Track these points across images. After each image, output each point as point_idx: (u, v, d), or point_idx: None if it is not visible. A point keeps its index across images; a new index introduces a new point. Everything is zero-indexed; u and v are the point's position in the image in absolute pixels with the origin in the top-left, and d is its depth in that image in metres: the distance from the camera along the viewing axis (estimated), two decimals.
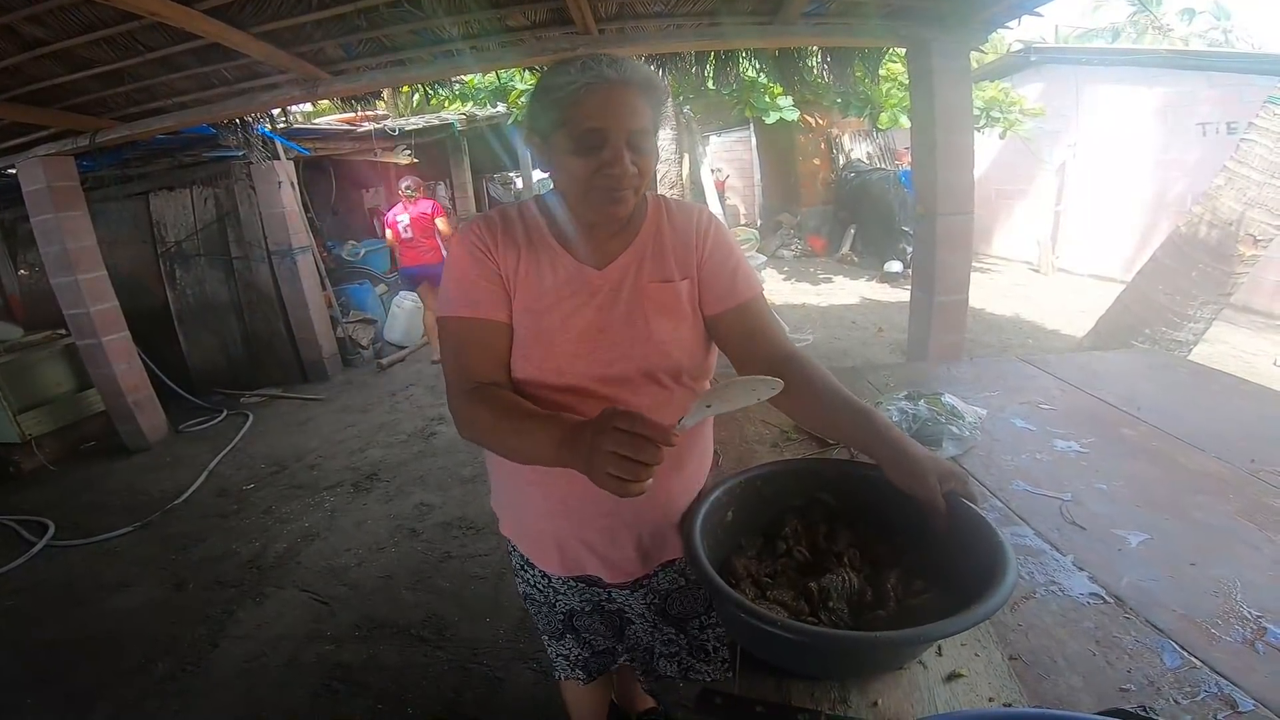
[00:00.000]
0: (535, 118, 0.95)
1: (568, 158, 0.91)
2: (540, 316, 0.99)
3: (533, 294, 0.99)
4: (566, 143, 0.90)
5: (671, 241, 1.04)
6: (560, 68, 0.91)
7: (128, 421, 4.29)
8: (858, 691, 0.75)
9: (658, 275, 1.02)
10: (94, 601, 2.70)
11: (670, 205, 1.07)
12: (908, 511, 0.86)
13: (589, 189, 0.92)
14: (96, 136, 3.60)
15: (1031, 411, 1.58)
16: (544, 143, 0.95)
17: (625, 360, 0.99)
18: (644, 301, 1.00)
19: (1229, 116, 6.07)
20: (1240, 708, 0.70)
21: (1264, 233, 3.56)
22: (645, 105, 0.91)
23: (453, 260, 1.03)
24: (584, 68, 0.88)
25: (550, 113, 0.91)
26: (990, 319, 6.05)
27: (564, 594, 1.22)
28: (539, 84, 0.95)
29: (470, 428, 0.96)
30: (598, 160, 0.90)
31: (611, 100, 0.88)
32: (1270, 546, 0.99)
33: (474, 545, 2.86)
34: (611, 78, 0.88)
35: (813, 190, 10.07)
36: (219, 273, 5.49)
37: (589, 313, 0.99)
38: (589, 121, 0.88)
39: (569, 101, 0.88)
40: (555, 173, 0.97)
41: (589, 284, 1.00)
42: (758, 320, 1.05)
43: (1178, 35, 15.64)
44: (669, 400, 1.02)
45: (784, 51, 3.51)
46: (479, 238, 1.01)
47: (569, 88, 0.88)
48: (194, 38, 2.59)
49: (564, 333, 0.98)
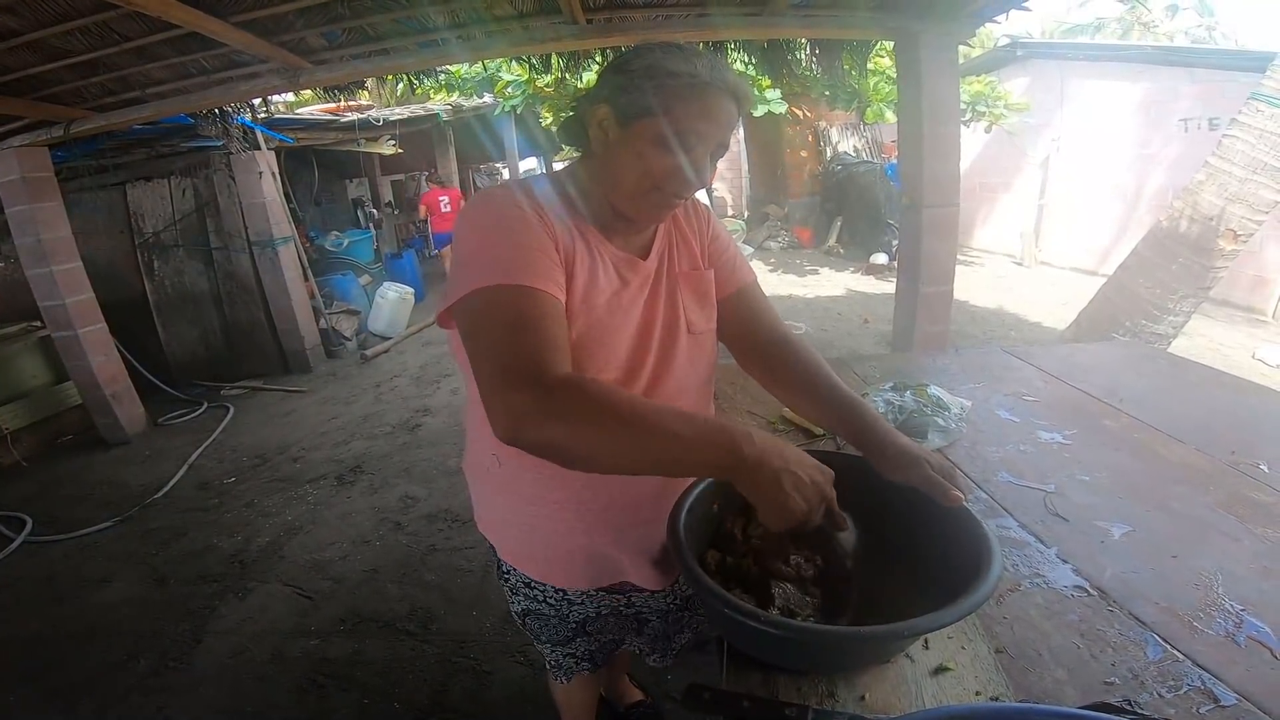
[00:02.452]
0: (621, 94, 0.84)
1: (650, 148, 0.83)
2: (597, 310, 0.90)
3: (589, 283, 0.89)
4: (653, 133, 0.83)
5: (687, 229, 1.04)
6: (675, 54, 0.83)
7: (105, 414, 4.22)
8: (845, 685, 0.75)
9: (688, 263, 1.02)
10: (74, 597, 2.66)
11: None
12: (894, 503, 0.87)
13: (655, 188, 0.86)
14: (71, 127, 3.52)
15: (1015, 402, 1.59)
16: (620, 122, 0.85)
17: (670, 353, 0.98)
18: (683, 289, 1.00)
19: (1211, 112, 6.15)
20: (1222, 701, 0.71)
21: (1244, 227, 3.61)
22: (737, 118, 0.88)
23: (499, 223, 0.83)
24: (710, 66, 0.82)
25: (649, 97, 0.82)
26: (974, 311, 6.10)
27: (579, 604, 1.15)
28: (640, 61, 0.83)
29: (563, 423, 0.70)
30: (680, 162, 0.84)
31: (722, 109, 0.84)
32: (1250, 538, 1.00)
33: (460, 538, 2.84)
34: (729, 84, 0.83)
35: (800, 182, 10.09)
36: (198, 263, 5.41)
37: (641, 303, 0.96)
38: (696, 122, 0.82)
39: (680, 95, 0.81)
40: (616, 157, 0.87)
41: (640, 272, 0.96)
42: (755, 304, 1.08)
43: (1162, 31, 15.80)
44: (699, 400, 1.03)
45: (772, 43, 3.49)
46: (529, 204, 0.85)
47: (688, 80, 0.81)
48: (172, 27, 2.52)
49: (624, 327, 0.93)
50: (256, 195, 5.14)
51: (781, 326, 1.07)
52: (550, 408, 0.70)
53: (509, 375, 0.72)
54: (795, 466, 0.70)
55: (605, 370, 0.91)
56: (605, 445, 0.70)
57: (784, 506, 0.69)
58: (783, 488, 0.69)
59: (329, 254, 6.66)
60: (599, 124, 0.87)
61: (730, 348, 1.10)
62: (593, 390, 0.72)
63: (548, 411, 0.69)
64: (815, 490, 0.71)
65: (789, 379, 1.02)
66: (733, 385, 1.74)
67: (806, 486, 0.70)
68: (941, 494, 0.80)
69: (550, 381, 0.71)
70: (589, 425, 0.69)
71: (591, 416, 0.69)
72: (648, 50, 0.85)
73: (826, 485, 0.73)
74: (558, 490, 0.99)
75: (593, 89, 0.90)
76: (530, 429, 0.70)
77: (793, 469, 0.70)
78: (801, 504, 0.70)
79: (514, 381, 0.71)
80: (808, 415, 1.08)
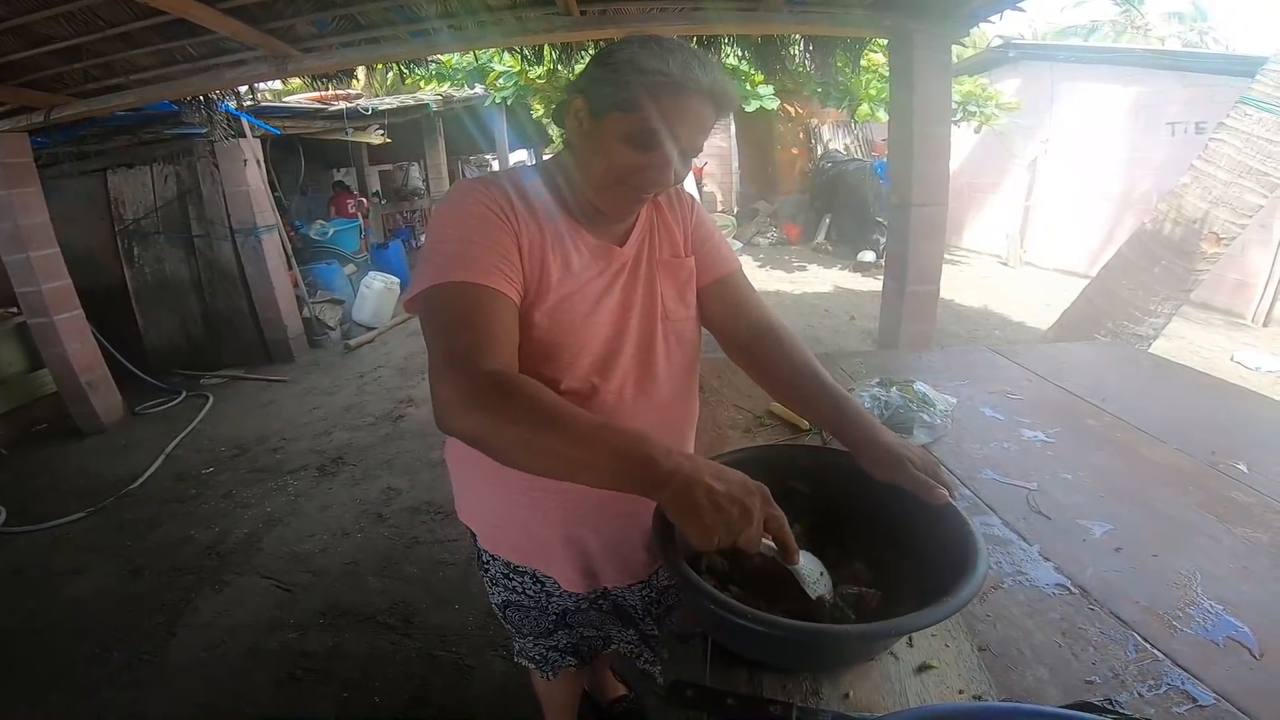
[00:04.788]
0: (596, 86, 0.84)
1: (616, 143, 0.84)
2: (571, 298, 0.90)
3: (562, 272, 0.90)
4: (622, 129, 0.83)
5: (670, 217, 1.04)
6: (653, 49, 0.81)
7: (81, 403, 4.14)
8: (830, 683, 0.75)
9: (669, 251, 1.02)
10: (47, 589, 2.61)
11: None
12: (880, 499, 0.86)
13: (620, 182, 0.86)
14: (52, 113, 3.45)
15: (1000, 401, 1.59)
16: (592, 115, 0.85)
17: (649, 341, 0.98)
18: (662, 277, 1.00)
19: (1199, 117, 6.21)
20: (1200, 701, 0.71)
21: (1227, 231, 3.65)
22: (713, 121, 0.86)
23: (456, 218, 0.86)
24: (683, 65, 0.80)
25: (619, 91, 0.81)
26: (960, 310, 6.15)
27: (557, 596, 1.15)
28: (618, 55, 0.83)
29: (485, 416, 0.71)
30: (645, 159, 0.84)
31: (691, 109, 0.82)
32: (1229, 538, 1.01)
33: (442, 530, 2.82)
34: (703, 85, 0.81)
35: (790, 179, 10.12)
36: (179, 251, 5.33)
37: (617, 291, 0.96)
38: (660, 122, 0.81)
39: (649, 91, 0.80)
40: (587, 149, 0.88)
41: (615, 260, 0.96)
42: (739, 292, 1.08)
43: (1155, 35, 15.94)
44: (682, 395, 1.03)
45: (766, 39, 3.48)
46: (493, 199, 0.87)
47: (656, 78, 0.80)
48: (157, 13, 2.46)
49: (598, 314, 0.93)
50: (240, 183, 5.07)
51: (769, 316, 1.07)
52: (475, 399, 0.72)
53: (442, 367, 0.75)
54: (715, 483, 0.65)
55: (580, 356, 0.91)
56: (521, 442, 0.71)
57: (702, 525, 0.64)
58: (700, 504, 0.64)
59: (314, 243, 6.57)
60: (575, 115, 0.88)
61: (716, 335, 1.10)
62: (517, 387, 0.73)
63: (471, 402, 0.72)
64: (740, 510, 0.65)
65: (774, 369, 1.02)
66: (720, 379, 1.74)
67: (727, 505, 0.65)
68: (927, 493, 0.80)
69: (478, 374, 0.74)
70: (507, 421, 0.70)
71: (510, 412, 0.71)
72: (628, 44, 0.84)
73: (757, 506, 0.67)
74: (536, 480, 0.97)
75: (576, 78, 0.90)
76: (455, 418, 0.72)
77: (712, 485, 0.65)
78: (721, 523, 0.64)
79: (446, 374, 0.75)
80: (793, 407, 1.08)
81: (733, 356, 1.09)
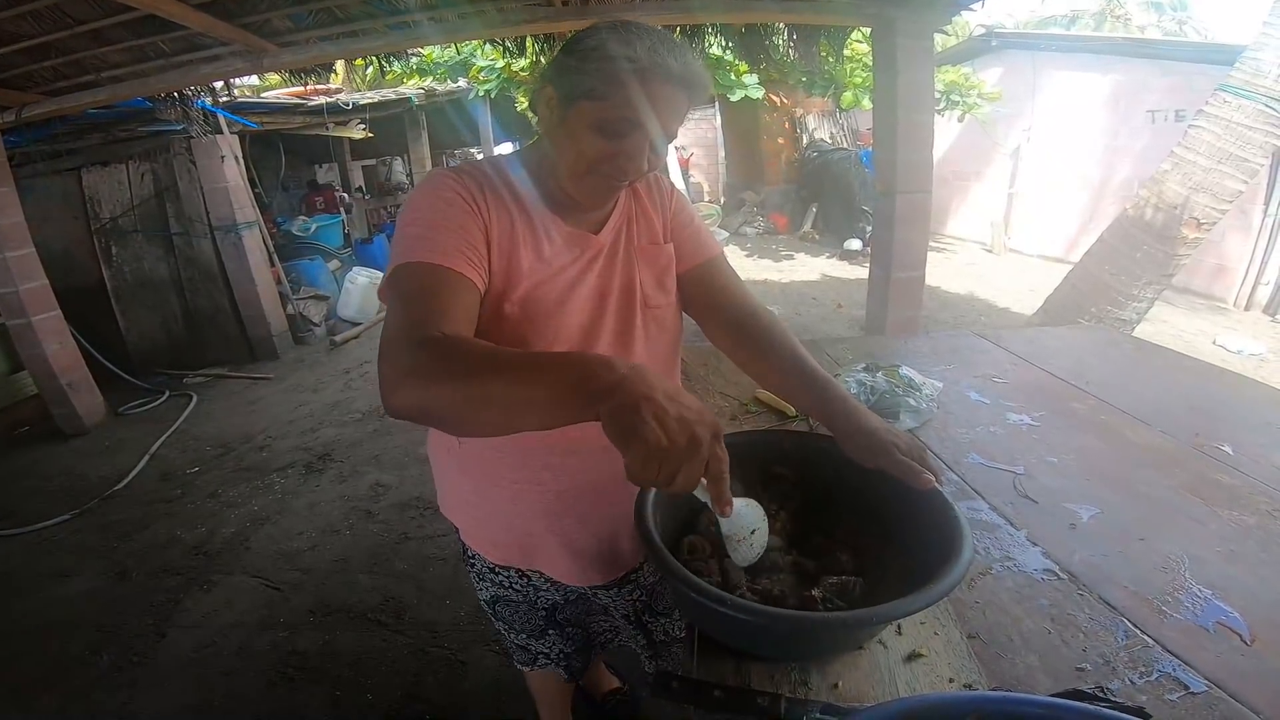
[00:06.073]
0: (565, 74, 0.82)
1: (585, 132, 0.82)
2: (543, 286, 0.90)
3: (533, 260, 0.89)
4: (590, 117, 0.81)
5: (648, 204, 1.03)
6: (620, 35, 0.79)
7: (62, 404, 4.07)
8: (818, 673, 0.74)
9: (647, 237, 1.01)
10: (33, 592, 2.57)
11: None
12: (866, 485, 0.86)
13: (591, 171, 0.85)
14: (23, 111, 3.38)
15: (985, 384, 1.60)
16: (561, 103, 0.83)
17: (628, 328, 0.97)
18: (640, 263, 0.99)
19: (1178, 105, 6.25)
20: (1192, 688, 0.71)
21: (1207, 216, 3.69)
22: (686, 107, 0.84)
23: (425, 205, 0.85)
24: (651, 51, 0.78)
25: (587, 79, 0.79)
26: (945, 296, 6.18)
27: (545, 590, 1.14)
28: (586, 42, 0.81)
29: (420, 382, 0.66)
30: (616, 148, 0.82)
31: (661, 96, 0.79)
32: (1216, 521, 1.01)
33: (432, 525, 2.80)
34: (673, 71, 0.79)
35: (776, 169, 10.09)
36: (158, 249, 5.24)
37: (592, 278, 0.95)
38: (629, 110, 0.79)
39: (617, 79, 0.78)
40: (558, 138, 0.86)
41: (590, 247, 0.95)
42: (720, 277, 1.07)
43: (1135, 24, 16.02)
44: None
45: (750, 28, 3.47)
46: (464, 187, 0.86)
47: (623, 64, 0.77)
48: (127, 9, 2.42)
49: (572, 301, 0.92)
50: (219, 180, 4.99)
51: (752, 301, 1.06)
52: (411, 369, 0.67)
53: (394, 340, 0.71)
54: (667, 403, 0.57)
55: (554, 345, 0.91)
56: (459, 400, 0.65)
57: (645, 448, 0.54)
58: (645, 424, 0.55)
59: (297, 239, 6.49)
60: (546, 104, 0.86)
61: (699, 321, 1.09)
62: (453, 346, 0.69)
63: (407, 372, 0.67)
64: (689, 439, 0.56)
65: (758, 355, 1.01)
66: (705, 366, 1.73)
67: (676, 432, 0.56)
68: (913, 478, 0.80)
69: (414, 343, 0.69)
70: (442, 381, 0.65)
71: (443, 373, 0.66)
72: (597, 30, 0.81)
73: (707, 440, 0.58)
74: (518, 470, 0.98)
75: (545, 66, 0.88)
76: (391, 393, 0.67)
77: (662, 405, 0.56)
78: (663, 453, 0.55)
79: (387, 350, 0.70)
80: (777, 392, 1.07)
81: (716, 342, 1.08)
